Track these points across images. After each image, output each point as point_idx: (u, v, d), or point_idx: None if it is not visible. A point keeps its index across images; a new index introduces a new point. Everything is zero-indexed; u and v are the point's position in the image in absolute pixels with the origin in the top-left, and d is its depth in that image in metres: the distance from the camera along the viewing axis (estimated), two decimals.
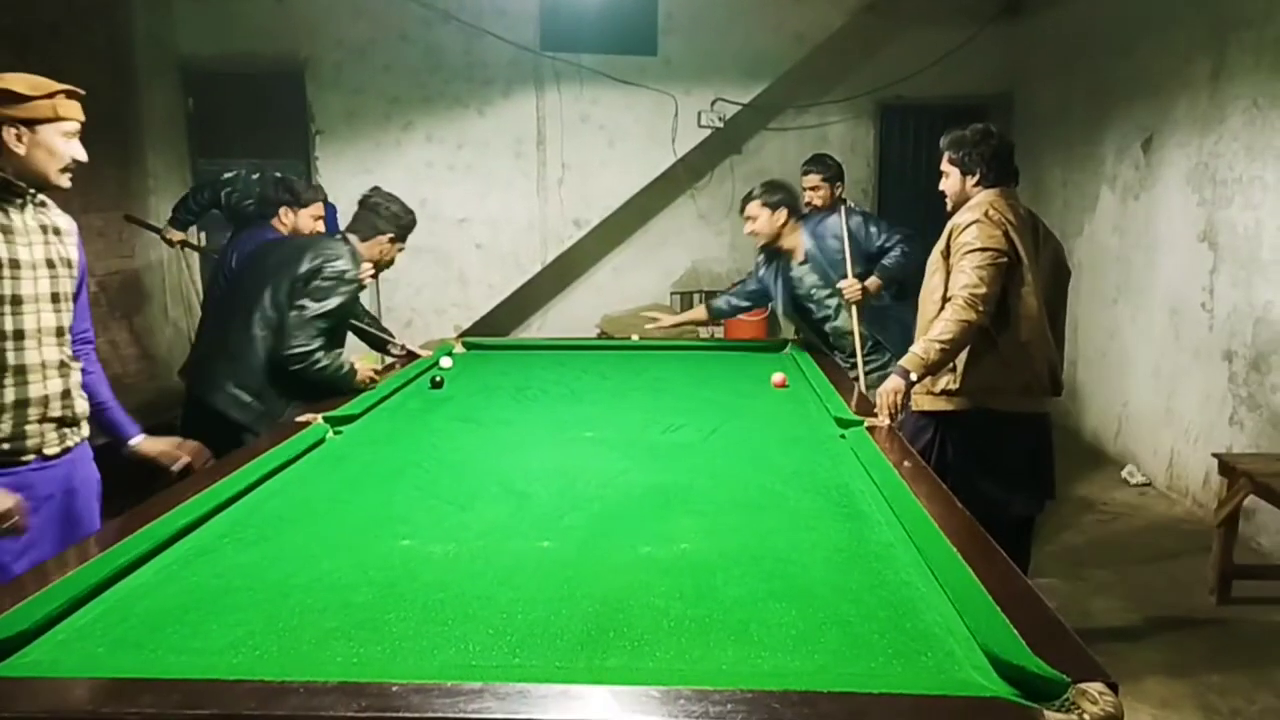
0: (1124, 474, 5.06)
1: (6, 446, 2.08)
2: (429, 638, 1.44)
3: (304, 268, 3.02)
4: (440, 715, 1.20)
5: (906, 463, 2.30)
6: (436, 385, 3.31)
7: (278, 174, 4.12)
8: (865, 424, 2.65)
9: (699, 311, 4.67)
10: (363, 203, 3.28)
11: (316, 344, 2.97)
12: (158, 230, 4.89)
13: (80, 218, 5.57)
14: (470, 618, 1.50)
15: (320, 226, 3.82)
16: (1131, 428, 5.23)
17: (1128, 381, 5.25)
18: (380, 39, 6.48)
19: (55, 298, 2.15)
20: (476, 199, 6.73)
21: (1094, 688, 1.22)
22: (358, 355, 3.55)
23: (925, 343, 2.79)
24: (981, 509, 2.04)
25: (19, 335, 2.06)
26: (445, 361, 3.67)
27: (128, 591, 1.62)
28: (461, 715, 1.20)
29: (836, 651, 1.40)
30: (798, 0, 6.50)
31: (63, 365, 2.17)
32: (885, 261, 3.78)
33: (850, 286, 3.72)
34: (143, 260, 5.89)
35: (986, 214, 2.83)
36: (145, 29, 5.95)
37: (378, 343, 3.90)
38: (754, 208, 3.94)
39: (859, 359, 3.78)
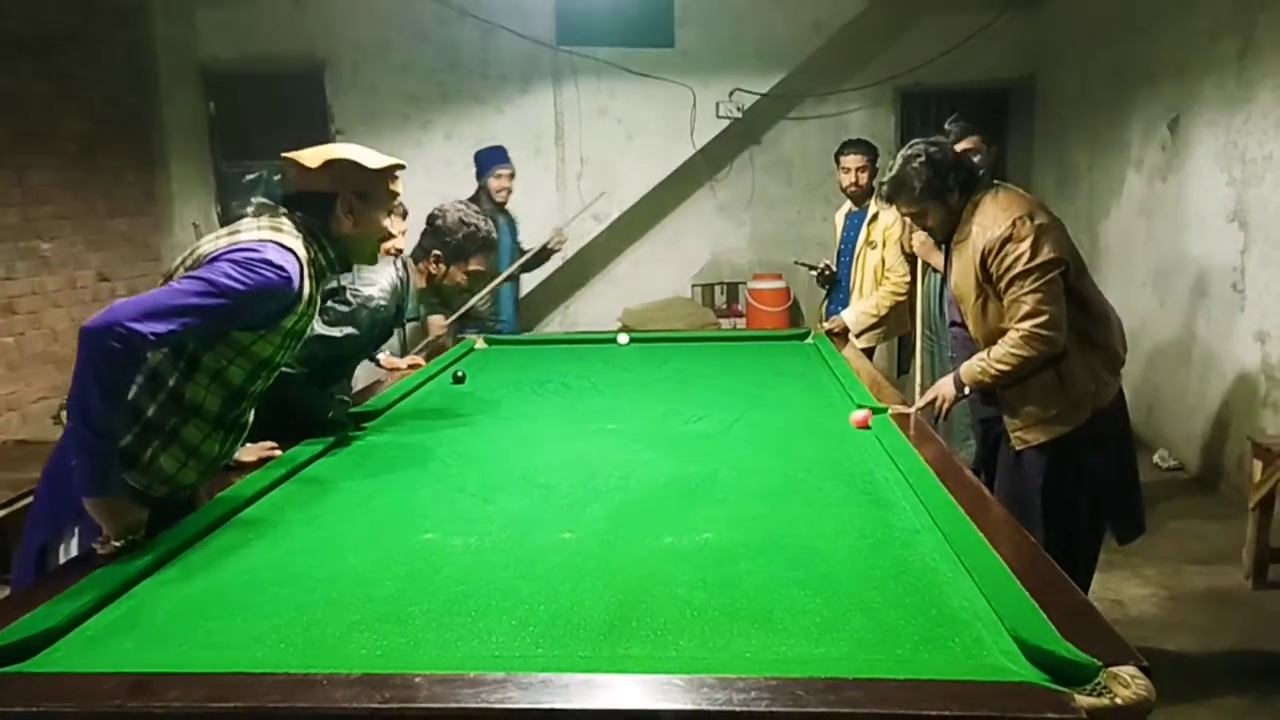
0: (1155, 458, 4.99)
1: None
2: (452, 629, 1.44)
3: (333, 283, 2.59)
4: (463, 705, 1.20)
5: (931, 449, 2.27)
6: (459, 381, 3.32)
7: None
8: (889, 411, 2.62)
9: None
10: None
11: (296, 368, 2.44)
12: None
13: (105, 221, 5.66)
14: (493, 609, 1.50)
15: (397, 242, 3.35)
16: (1163, 412, 5.15)
17: (1158, 365, 5.17)
18: (397, 38, 6.50)
19: None
20: None
21: (1126, 671, 1.19)
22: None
23: (986, 363, 2.58)
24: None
25: (255, 399, 2.02)
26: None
27: (155, 587, 1.63)
28: (484, 705, 1.20)
29: (862, 638, 1.39)
30: None
31: None
32: None
33: None
34: (169, 265, 5.95)
35: (1023, 220, 2.50)
36: (165, 34, 6.01)
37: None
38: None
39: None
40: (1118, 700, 1.15)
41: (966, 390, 2.68)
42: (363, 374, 3.29)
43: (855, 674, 1.24)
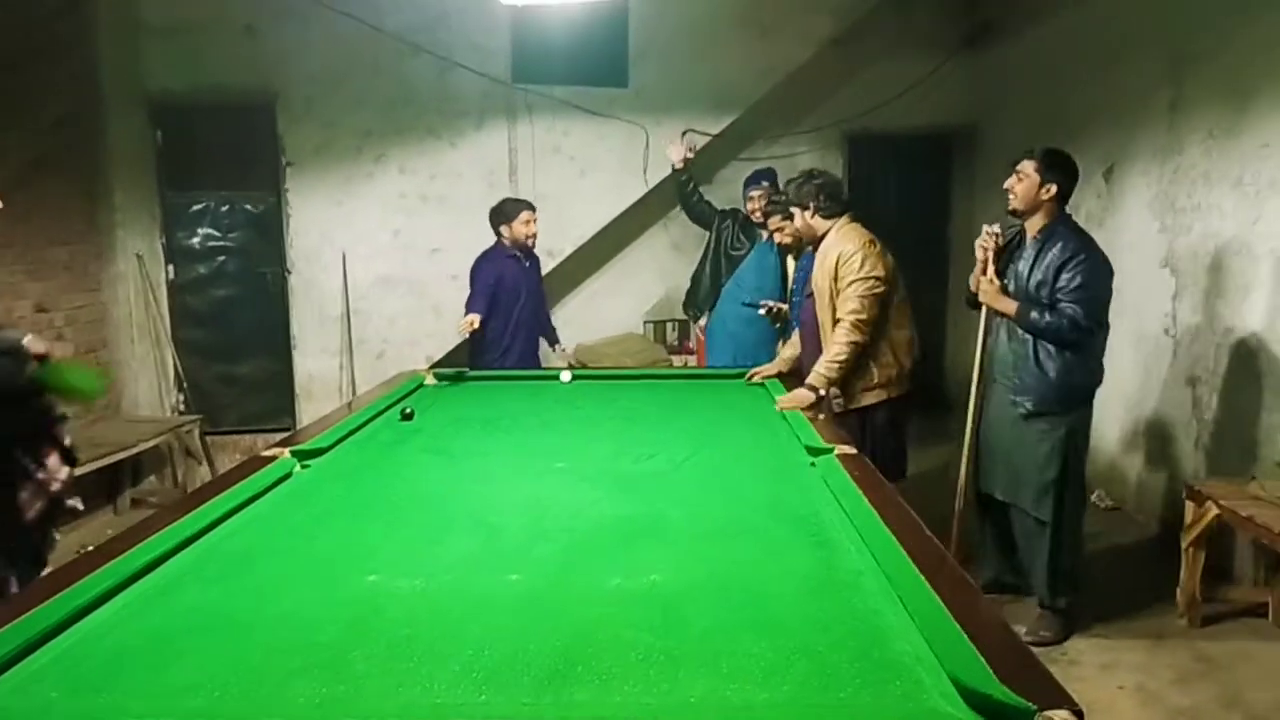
0: (1093, 499, 5.09)
1: None
2: (394, 675, 1.42)
3: None
4: None
5: (876, 490, 2.30)
6: (407, 417, 3.29)
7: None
8: (835, 451, 2.66)
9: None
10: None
11: None
12: None
13: (46, 250, 5.51)
14: (436, 654, 1.48)
15: (532, 228, 4.84)
16: (1099, 453, 5.27)
17: (1095, 407, 5.30)
18: (352, 72, 6.49)
19: None
20: (450, 230, 6.71)
21: (1059, 715, 1.22)
22: None
23: (826, 364, 3.47)
24: None
25: None
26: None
27: (87, 632, 1.58)
28: None
29: (805, 682, 1.40)
30: (764, 34, 6.59)
31: None
32: None
33: None
34: (109, 294, 5.82)
35: (871, 242, 3.54)
36: (111, 62, 5.91)
37: None
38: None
39: None
40: None
41: (821, 392, 3.42)
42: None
43: (799, 718, 1.25)
